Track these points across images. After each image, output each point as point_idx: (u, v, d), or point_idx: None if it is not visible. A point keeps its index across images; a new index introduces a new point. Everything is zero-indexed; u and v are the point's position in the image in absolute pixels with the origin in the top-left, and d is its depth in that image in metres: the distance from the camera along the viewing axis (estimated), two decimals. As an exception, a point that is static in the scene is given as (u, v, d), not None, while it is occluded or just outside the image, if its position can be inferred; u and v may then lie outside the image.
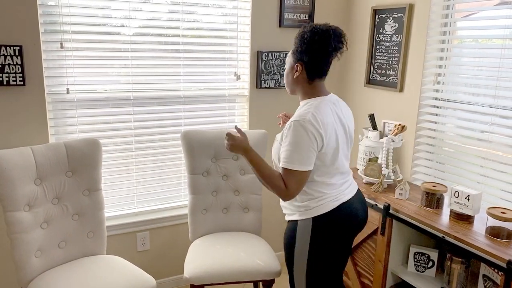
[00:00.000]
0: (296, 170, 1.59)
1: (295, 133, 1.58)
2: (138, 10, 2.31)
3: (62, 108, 2.25)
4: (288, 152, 1.59)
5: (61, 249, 2.05)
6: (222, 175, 2.44)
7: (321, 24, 1.66)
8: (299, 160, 1.58)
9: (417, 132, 2.46)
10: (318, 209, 1.68)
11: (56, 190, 2.03)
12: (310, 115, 1.60)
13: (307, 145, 1.58)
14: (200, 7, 2.47)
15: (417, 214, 1.99)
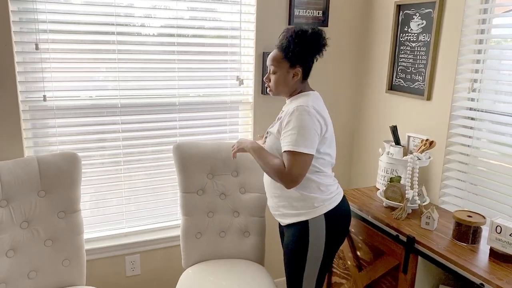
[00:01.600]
0: (301, 153, 1.59)
1: (300, 117, 1.60)
2: (126, 6, 2.04)
3: (40, 118, 2.00)
4: (294, 136, 1.60)
5: (31, 280, 1.80)
6: (220, 194, 2.15)
7: (307, 25, 1.72)
8: (305, 143, 1.59)
9: (448, 147, 2.10)
10: (328, 204, 1.70)
11: (25, 213, 1.78)
12: (311, 102, 1.66)
13: (312, 129, 1.60)
14: (198, 3, 2.18)
15: (448, 252, 1.64)
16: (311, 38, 1.65)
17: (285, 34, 1.70)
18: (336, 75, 2.59)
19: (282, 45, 1.69)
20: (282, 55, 1.68)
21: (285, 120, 1.64)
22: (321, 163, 1.70)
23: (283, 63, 1.69)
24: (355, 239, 2.10)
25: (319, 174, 1.71)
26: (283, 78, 1.71)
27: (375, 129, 2.57)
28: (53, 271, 1.84)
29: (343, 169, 2.77)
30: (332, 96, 2.61)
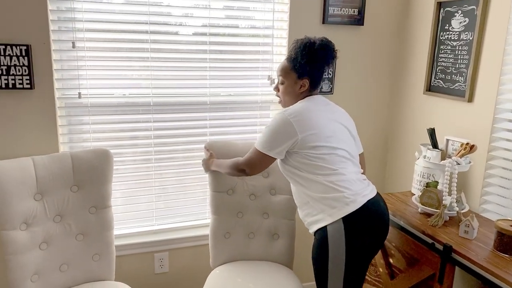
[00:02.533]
0: (258, 150, 1.68)
1: (272, 120, 1.67)
2: (159, 5, 2.05)
3: (75, 114, 2.04)
4: (261, 136, 1.70)
5: (62, 273, 1.83)
6: (250, 194, 2.12)
7: (316, 37, 1.73)
8: (264, 143, 1.66)
9: (490, 152, 1.98)
10: (347, 207, 1.58)
11: (58, 207, 1.81)
12: (293, 107, 1.67)
13: (276, 132, 1.64)
14: (231, 1, 2.16)
15: (488, 263, 1.54)
16: (319, 50, 1.68)
17: (294, 45, 1.73)
18: (371, 76, 2.51)
19: (291, 56, 1.72)
20: (290, 66, 1.72)
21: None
22: (318, 160, 1.62)
23: (291, 74, 1.72)
24: (388, 246, 2.02)
25: (322, 172, 1.61)
26: (290, 88, 1.74)
27: (412, 131, 2.47)
28: (84, 265, 1.88)
29: (376, 173, 2.68)
30: (366, 97, 2.53)
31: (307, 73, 1.70)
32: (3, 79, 1.84)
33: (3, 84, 1.84)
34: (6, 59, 1.82)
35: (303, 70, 1.70)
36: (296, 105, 1.69)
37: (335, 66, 2.38)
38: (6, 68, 1.83)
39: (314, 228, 1.66)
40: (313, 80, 1.72)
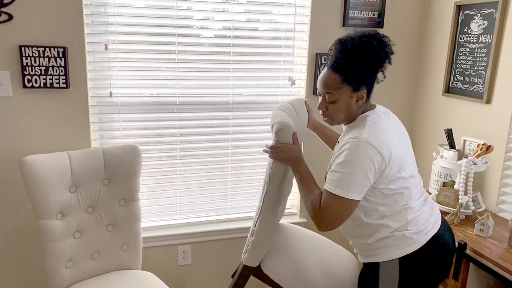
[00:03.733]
0: (340, 197, 1.32)
1: (350, 153, 1.31)
2: (186, 9, 2.16)
3: (106, 112, 2.17)
4: (336, 174, 1.33)
5: (94, 261, 1.96)
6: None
7: (363, 31, 1.38)
8: (348, 186, 1.31)
9: (507, 153, 2.01)
10: (405, 247, 1.39)
11: (91, 199, 1.94)
12: (366, 131, 1.33)
13: (361, 169, 1.30)
14: (254, 5, 2.25)
15: (503, 260, 1.58)
16: (378, 47, 1.36)
17: (338, 48, 1.37)
18: (390, 77, 2.56)
19: (338, 64, 1.35)
20: (340, 78, 1.36)
21: (337, 151, 1.38)
22: (389, 198, 1.38)
23: (343, 88, 1.37)
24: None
25: (388, 210, 1.40)
26: (345, 105, 1.39)
27: (430, 132, 2.51)
28: (113, 254, 1.99)
29: (394, 173, 2.72)
30: (385, 99, 2.58)
31: (364, 81, 1.37)
32: (41, 78, 1.97)
33: (42, 83, 1.97)
34: (44, 60, 1.96)
35: (360, 79, 1.36)
36: (369, 126, 1.35)
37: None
38: (44, 68, 1.96)
39: (364, 260, 1.50)
40: (371, 87, 1.41)
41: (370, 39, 1.35)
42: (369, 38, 1.35)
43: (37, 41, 1.94)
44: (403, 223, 1.40)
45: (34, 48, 1.93)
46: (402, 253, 1.39)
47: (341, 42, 1.38)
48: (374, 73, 1.39)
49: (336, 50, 1.38)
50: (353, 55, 1.34)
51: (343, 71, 1.35)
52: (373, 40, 1.35)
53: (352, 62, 1.34)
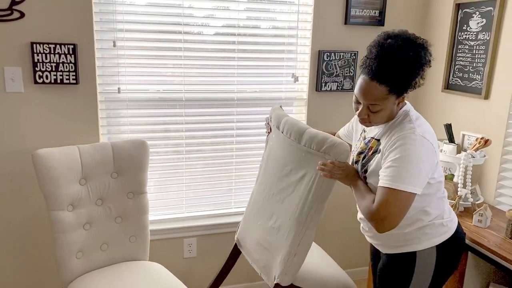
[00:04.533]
0: (401, 191, 1.28)
1: (409, 147, 1.30)
2: (192, 8, 2.21)
3: (114, 108, 2.22)
4: (396, 169, 1.29)
5: (103, 252, 2.01)
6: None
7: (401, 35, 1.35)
8: (409, 178, 1.28)
9: (505, 147, 2.07)
10: (443, 234, 1.45)
11: (100, 191, 1.99)
12: (418, 126, 1.36)
13: (422, 162, 1.30)
14: (257, 4, 2.31)
15: (499, 248, 1.64)
16: (422, 53, 1.34)
17: (382, 57, 1.31)
18: (391, 74, 2.61)
19: (382, 75, 1.31)
20: (386, 89, 1.33)
21: (387, 148, 1.37)
22: (432, 188, 1.43)
23: (389, 98, 1.35)
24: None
25: (429, 200, 1.44)
26: (389, 111, 1.39)
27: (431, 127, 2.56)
28: (121, 246, 2.05)
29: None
30: (386, 95, 2.63)
31: (409, 87, 1.36)
32: (52, 75, 2.03)
33: (52, 79, 2.03)
34: (55, 56, 2.01)
35: (405, 87, 1.35)
36: (418, 121, 1.39)
37: (356, 65, 2.50)
38: (55, 65, 2.02)
39: (395, 251, 1.50)
40: (413, 89, 1.40)
41: (414, 47, 1.32)
42: (411, 44, 1.32)
43: (48, 38, 2.00)
44: (441, 211, 1.46)
45: (45, 45, 1.99)
46: (439, 241, 1.44)
47: (383, 50, 1.32)
48: (418, 77, 1.37)
49: (378, 57, 1.32)
50: (399, 65, 1.30)
51: (390, 82, 1.32)
52: (416, 47, 1.33)
53: (398, 73, 1.31)
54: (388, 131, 1.41)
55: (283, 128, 1.81)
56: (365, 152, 1.49)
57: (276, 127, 1.90)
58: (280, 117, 1.87)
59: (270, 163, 1.91)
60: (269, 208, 1.82)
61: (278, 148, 1.86)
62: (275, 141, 1.91)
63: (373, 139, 1.48)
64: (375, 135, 1.48)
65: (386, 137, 1.40)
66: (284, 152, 1.79)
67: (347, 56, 2.45)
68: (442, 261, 1.45)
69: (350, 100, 2.55)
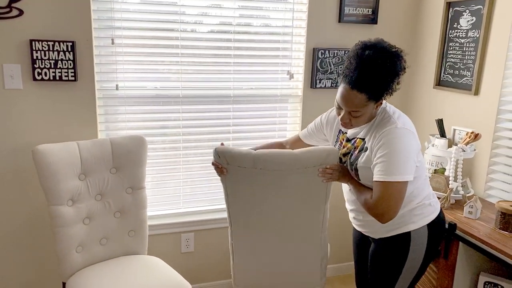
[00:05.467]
0: (396, 182, 1.40)
1: (394, 141, 1.43)
2: (189, 6, 2.25)
3: (112, 104, 2.25)
4: (386, 162, 1.41)
5: (102, 246, 2.04)
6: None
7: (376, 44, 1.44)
8: (400, 168, 1.40)
9: (494, 141, 2.13)
10: (432, 214, 1.58)
11: (99, 187, 2.02)
12: (401, 119, 1.49)
13: (408, 152, 1.42)
14: (253, 2, 2.35)
15: (489, 238, 1.70)
16: (396, 64, 1.43)
17: (360, 66, 1.40)
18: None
19: (362, 84, 1.40)
20: (366, 97, 1.42)
21: (375, 144, 1.47)
22: (420, 169, 1.55)
23: (369, 105, 1.45)
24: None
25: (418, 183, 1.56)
26: (369, 115, 1.50)
27: (422, 123, 2.62)
28: (121, 240, 2.08)
29: (388, 163, 2.83)
30: (379, 91, 2.68)
31: (386, 93, 1.46)
32: (51, 72, 2.05)
33: (51, 76, 2.05)
34: (54, 54, 2.04)
35: (383, 94, 1.45)
36: (396, 115, 1.51)
37: (350, 62, 2.54)
38: (54, 62, 2.04)
39: (389, 234, 1.59)
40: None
41: (391, 57, 1.41)
42: (387, 54, 1.41)
43: (47, 36, 2.02)
44: (427, 192, 1.59)
45: (44, 42, 2.01)
46: (429, 220, 1.56)
47: (361, 61, 1.40)
48: (395, 83, 1.47)
49: (357, 68, 1.40)
50: (377, 74, 1.40)
51: (369, 90, 1.41)
52: (392, 57, 1.42)
53: (377, 81, 1.40)
54: (372, 130, 1.53)
55: (262, 164, 1.66)
56: (351, 151, 1.60)
57: (241, 167, 1.69)
58: (244, 155, 1.67)
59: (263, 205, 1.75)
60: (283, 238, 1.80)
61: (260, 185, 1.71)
62: (249, 182, 1.72)
63: (358, 139, 1.59)
64: (359, 134, 1.59)
65: (371, 136, 1.52)
66: (276, 183, 1.70)
67: (341, 54, 2.50)
68: (432, 239, 1.57)
69: (344, 96, 2.60)
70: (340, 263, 2.89)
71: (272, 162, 1.65)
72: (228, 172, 1.70)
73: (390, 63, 1.41)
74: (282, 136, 2.60)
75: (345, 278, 2.87)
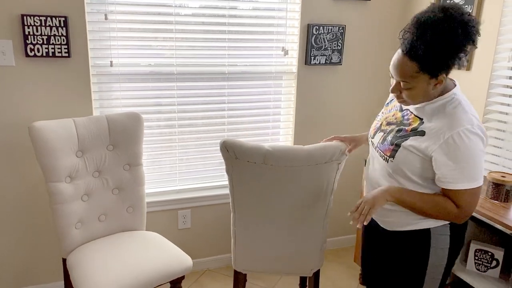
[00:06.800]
0: (476, 188, 1.29)
1: (470, 145, 1.25)
2: (183, -20, 2.22)
3: (106, 82, 2.23)
4: (465, 170, 1.27)
5: (101, 222, 2.05)
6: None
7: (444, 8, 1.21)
8: (479, 174, 1.28)
9: (485, 115, 2.19)
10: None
11: (97, 163, 2.02)
12: (472, 119, 1.28)
13: (481, 154, 1.28)
14: (248, -23, 2.33)
15: (481, 207, 1.75)
16: (461, 31, 1.20)
17: (416, 32, 1.22)
18: (377, 47, 2.69)
19: (415, 51, 1.23)
20: (417, 67, 1.25)
21: (438, 142, 1.28)
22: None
23: (420, 77, 1.26)
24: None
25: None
26: (422, 91, 1.30)
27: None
28: (119, 216, 2.09)
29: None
30: (373, 68, 2.71)
31: (444, 68, 1.24)
32: (44, 48, 2.02)
33: (44, 52, 2.02)
34: (46, 29, 2.00)
35: (439, 67, 1.24)
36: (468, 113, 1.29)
37: (344, 38, 2.55)
38: (46, 38, 2.01)
39: (409, 228, 1.43)
40: (450, 70, 1.28)
41: (453, 23, 1.19)
42: (452, 21, 1.19)
43: (39, 11, 1.98)
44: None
45: (36, 17, 1.97)
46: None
47: (419, 24, 1.22)
48: (456, 58, 1.24)
49: (414, 34, 1.22)
50: (433, 42, 1.20)
51: (421, 60, 1.23)
52: (456, 24, 1.19)
53: (431, 50, 1.21)
54: (435, 115, 1.32)
55: (274, 160, 1.67)
56: (401, 126, 1.40)
57: (251, 162, 1.69)
58: (255, 150, 1.66)
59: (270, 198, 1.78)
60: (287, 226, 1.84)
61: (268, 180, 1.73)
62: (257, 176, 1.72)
63: (413, 115, 1.40)
64: (416, 111, 1.39)
65: (434, 121, 1.32)
66: (286, 178, 1.72)
67: (335, 30, 2.50)
68: (455, 239, 1.42)
69: (338, 73, 2.62)
70: (333, 237, 2.95)
71: (284, 158, 1.66)
72: (235, 166, 1.68)
73: (451, 31, 1.19)
74: (277, 113, 2.61)
75: (337, 251, 2.94)
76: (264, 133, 2.62)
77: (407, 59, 1.25)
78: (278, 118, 2.64)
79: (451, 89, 1.34)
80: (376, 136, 1.50)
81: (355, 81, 2.68)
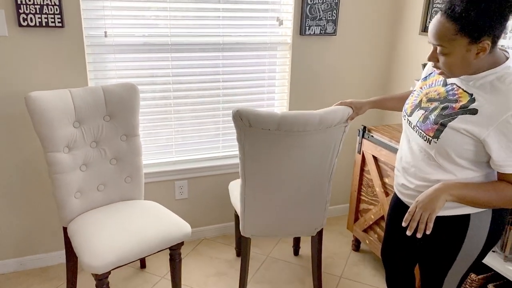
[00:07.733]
0: None
1: None
2: None
3: (101, 52, 2.22)
4: None
5: (100, 192, 2.08)
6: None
7: None
8: None
9: (477, 84, 2.22)
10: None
11: (94, 134, 2.03)
12: None
13: None
14: None
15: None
16: None
17: None
18: (372, 18, 2.69)
19: (454, 10, 1.11)
20: (456, 27, 1.12)
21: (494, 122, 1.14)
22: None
23: (458, 40, 1.13)
24: (383, 168, 2.29)
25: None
26: (461, 59, 1.17)
27: (408, 68, 2.69)
28: (117, 186, 2.12)
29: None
30: (367, 38, 2.72)
31: (487, 31, 1.11)
32: (36, 17, 1.99)
33: (37, 22, 2.00)
34: (39, -2, 1.97)
35: (480, 29, 1.10)
36: None
37: (339, 8, 2.55)
38: (39, 7, 1.98)
39: (446, 213, 1.32)
40: (496, 37, 1.13)
41: None
42: None
43: (30, -21, 1.95)
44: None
45: (27, -14, 1.94)
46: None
47: None
48: (501, 21, 1.11)
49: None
50: (477, 1, 1.08)
51: (459, 20, 1.10)
52: None
53: (472, 9, 1.09)
54: (489, 89, 1.18)
55: (288, 126, 1.70)
56: (444, 102, 1.27)
57: (265, 129, 1.72)
58: (270, 117, 1.68)
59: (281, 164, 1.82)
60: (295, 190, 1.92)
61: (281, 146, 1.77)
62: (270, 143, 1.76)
63: (462, 91, 1.25)
64: (464, 86, 1.25)
65: (487, 97, 1.18)
66: (298, 143, 1.76)
67: (330, 0, 2.49)
68: (495, 224, 1.33)
69: (333, 44, 2.63)
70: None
71: (298, 123, 1.69)
72: (248, 134, 1.71)
73: None
74: (271, 85, 2.63)
75: (329, 220, 3.01)
76: (259, 105, 2.64)
77: (445, 19, 1.13)
78: (272, 90, 2.65)
79: (503, 62, 1.19)
80: (415, 114, 1.35)
81: (350, 50, 2.70)
